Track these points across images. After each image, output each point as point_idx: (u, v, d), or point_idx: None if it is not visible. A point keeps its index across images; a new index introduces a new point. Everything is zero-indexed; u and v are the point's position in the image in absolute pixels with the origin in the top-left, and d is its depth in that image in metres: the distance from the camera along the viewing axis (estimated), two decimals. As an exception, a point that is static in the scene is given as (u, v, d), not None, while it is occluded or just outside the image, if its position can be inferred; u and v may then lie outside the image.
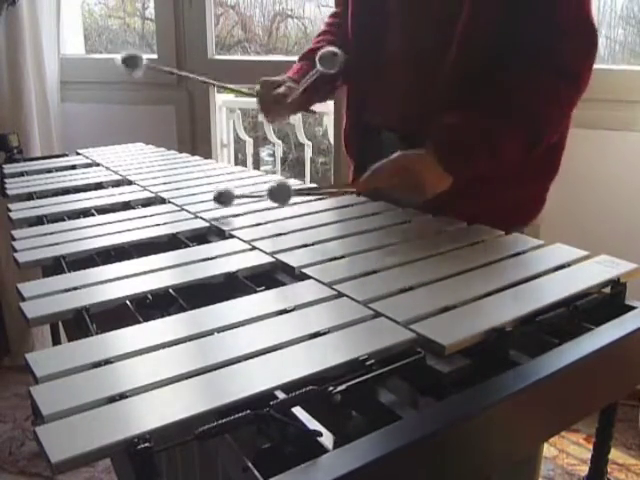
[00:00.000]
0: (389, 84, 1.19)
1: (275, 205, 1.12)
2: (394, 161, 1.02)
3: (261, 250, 0.94)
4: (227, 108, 2.60)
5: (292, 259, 0.90)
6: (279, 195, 1.09)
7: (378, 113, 1.23)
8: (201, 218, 1.12)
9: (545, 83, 1.02)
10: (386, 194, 1.11)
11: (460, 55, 1.05)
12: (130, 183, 1.41)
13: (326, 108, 2.45)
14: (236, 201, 1.16)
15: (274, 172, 2.82)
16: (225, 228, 1.05)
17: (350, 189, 1.21)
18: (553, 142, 1.09)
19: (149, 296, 0.80)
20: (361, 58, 1.22)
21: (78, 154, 1.78)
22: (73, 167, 1.62)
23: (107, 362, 0.63)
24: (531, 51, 1.03)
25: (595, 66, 1.03)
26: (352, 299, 0.76)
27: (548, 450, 1.88)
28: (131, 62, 1.19)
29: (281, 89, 1.24)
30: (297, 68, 1.32)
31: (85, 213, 1.20)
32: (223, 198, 1.15)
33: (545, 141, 1.05)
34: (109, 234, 1.04)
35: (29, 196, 1.34)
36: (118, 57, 1.29)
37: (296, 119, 2.60)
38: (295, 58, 1.39)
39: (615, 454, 1.87)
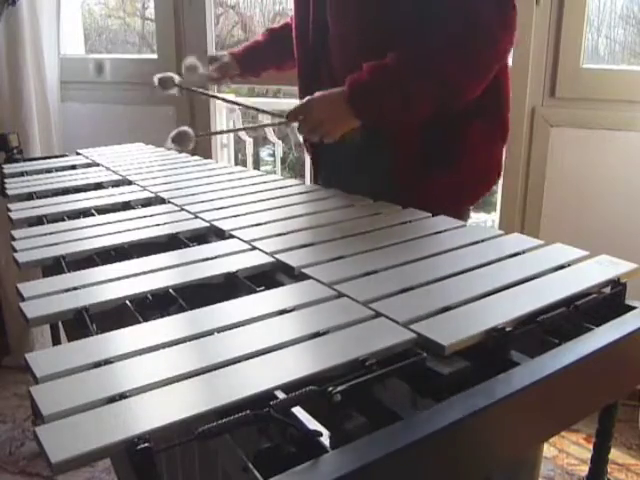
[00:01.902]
0: (335, 81, 1.22)
1: (275, 206, 1.13)
2: (308, 99, 1.14)
3: (261, 250, 0.94)
4: (227, 108, 2.60)
5: (292, 259, 0.90)
6: (182, 140, 1.21)
7: None
8: (201, 218, 1.12)
9: (458, 45, 1.08)
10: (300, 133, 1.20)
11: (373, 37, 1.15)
12: (130, 183, 1.41)
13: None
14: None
15: (274, 172, 2.82)
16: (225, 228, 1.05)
17: (278, 117, 1.29)
18: (493, 101, 1.18)
19: (149, 296, 0.80)
20: (306, 58, 1.32)
21: (78, 154, 1.78)
22: (73, 167, 1.62)
23: (107, 362, 0.63)
24: (447, 15, 1.09)
25: (595, 66, 1.03)
26: (352, 299, 0.76)
27: (548, 450, 1.88)
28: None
29: (213, 66, 1.52)
30: (247, 44, 1.57)
31: (85, 213, 1.20)
32: (180, 139, 1.19)
33: (460, 99, 1.12)
34: (109, 234, 1.05)
35: (29, 196, 1.34)
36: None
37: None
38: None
39: (615, 454, 1.87)
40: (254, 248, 0.96)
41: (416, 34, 1.10)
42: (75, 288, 0.82)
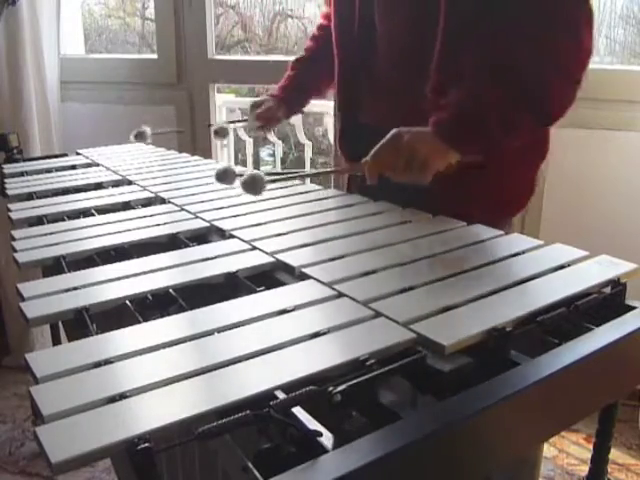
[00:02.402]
0: (379, 82, 1.20)
1: (275, 206, 1.12)
2: (393, 140, 0.99)
3: (261, 250, 0.94)
4: (227, 108, 2.60)
5: (292, 259, 0.90)
6: (253, 186, 1.09)
7: (371, 112, 1.23)
8: (201, 218, 1.12)
9: (547, 49, 0.97)
10: (391, 179, 1.05)
11: (444, 45, 1.05)
12: (130, 183, 1.41)
13: (326, 108, 2.45)
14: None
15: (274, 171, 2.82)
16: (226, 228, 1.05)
17: (356, 171, 1.19)
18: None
19: (149, 296, 0.80)
20: (348, 59, 1.25)
21: (78, 154, 1.78)
22: (73, 167, 1.62)
23: (107, 362, 0.63)
24: (528, 16, 0.98)
25: (595, 66, 1.03)
26: (352, 299, 0.76)
27: (548, 450, 1.88)
28: (224, 177, 1.20)
29: (258, 111, 1.44)
30: (282, 84, 1.48)
31: (85, 213, 1.20)
32: (225, 176, 1.16)
33: (554, 114, 1.01)
34: (109, 234, 1.04)
35: (29, 196, 1.34)
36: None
37: (296, 119, 2.60)
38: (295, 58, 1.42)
39: (615, 454, 1.87)
40: (254, 248, 0.96)
41: (478, 34, 1.01)
42: (75, 288, 0.82)
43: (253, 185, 1.07)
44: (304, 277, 0.85)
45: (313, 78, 1.47)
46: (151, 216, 1.15)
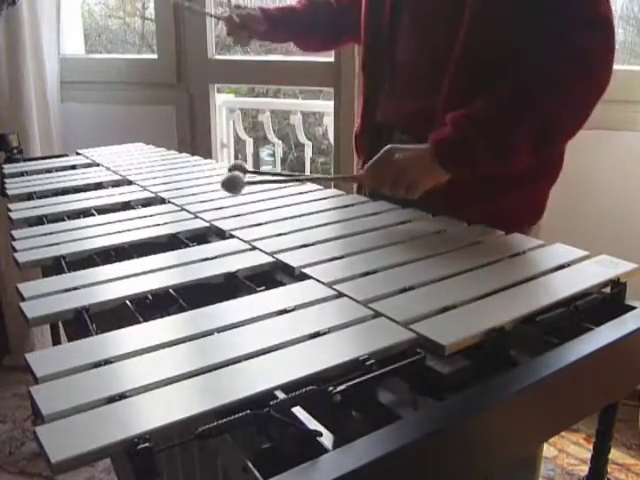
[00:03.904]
0: (400, 84, 1.19)
1: (275, 206, 1.12)
2: (387, 151, 1.01)
3: (261, 250, 0.94)
4: (227, 108, 2.60)
5: (292, 259, 0.90)
6: (233, 185, 1.14)
7: (390, 114, 1.22)
8: (201, 218, 1.12)
9: (559, 82, 0.97)
10: (380, 190, 1.08)
11: (465, 53, 1.04)
12: (130, 183, 1.41)
13: (326, 108, 2.45)
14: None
15: (274, 171, 2.82)
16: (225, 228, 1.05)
17: (350, 181, 1.21)
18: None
19: (149, 296, 0.80)
20: (373, 59, 1.23)
21: (78, 154, 1.78)
22: (73, 167, 1.62)
23: (107, 362, 0.63)
24: (544, 47, 0.99)
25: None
26: (352, 299, 0.76)
27: (548, 450, 1.88)
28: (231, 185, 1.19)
29: (237, 11, 1.34)
30: (281, 6, 1.41)
31: (85, 213, 1.20)
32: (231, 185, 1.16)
33: (557, 144, 1.01)
34: (109, 234, 1.04)
35: (29, 196, 1.34)
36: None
37: (296, 119, 2.60)
38: (295, 58, 1.41)
39: (615, 454, 1.87)
40: (254, 248, 0.96)
41: (495, 62, 1.01)
42: (75, 288, 0.82)
43: (233, 185, 1.13)
44: (304, 277, 0.85)
45: (309, 25, 1.40)
46: (151, 216, 1.15)
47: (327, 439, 0.55)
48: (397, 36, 1.18)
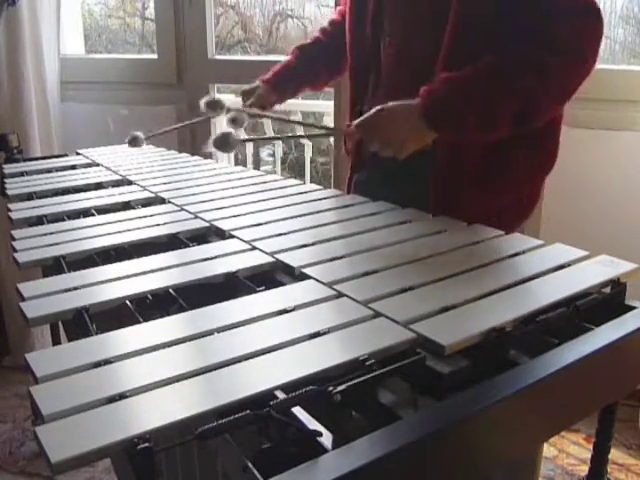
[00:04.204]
0: (382, 81, 1.20)
1: (275, 206, 1.12)
2: (378, 110, 1.02)
3: (261, 250, 0.94)
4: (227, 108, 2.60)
5: (292, 259, 0.90)
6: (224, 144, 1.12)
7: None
8: (201, 218, 1.11)
9: (537, 60, 0.99)
10: (368, 147, 1.09)
11: (451, 51, 1.05)
12: (130, 183, 1.41)
13: (326, 108, 2.45)
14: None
15: (274, 172, 2.82)
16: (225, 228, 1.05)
17: (335, 132, 1.21)
18: (544, 132, 1.09)
19: (149, 296, 0.80)
20: (359, 60, 1.24)
21: (78, 154, 1.78)
22: (73, 167, 1.62)
23: (107, 362, 0.63)
24: (524, 33, 1.01)
25: (595, 66, 1.02)
26: (352, 299, 0.76)
27: (548, 450, 1.88)
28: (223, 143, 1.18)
29: (249, 101, 1.42)
30: (277, 69, 1.44)
31: (85, 213, 1.20)
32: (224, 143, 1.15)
33: (536, 122, 1.03)
34: (109, 234, 1.05)
35: (29, 196, 1.34)
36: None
37: (296, 119, 2.60)
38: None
39: (615, 454, 1.87)
40: (254, 248, 0.96)
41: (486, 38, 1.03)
42: (75, 288, 0.82)
43: (224, 143, 1.12)
44: (304, 277, 0.84)
45: (311, 70, 1.44)
46: (151, 216, 1.15)
47: (327, 439, 0.55)
48: (380, 44, 1.19)
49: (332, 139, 2.42)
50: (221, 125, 2.46)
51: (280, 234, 1.01)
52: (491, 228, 1.00)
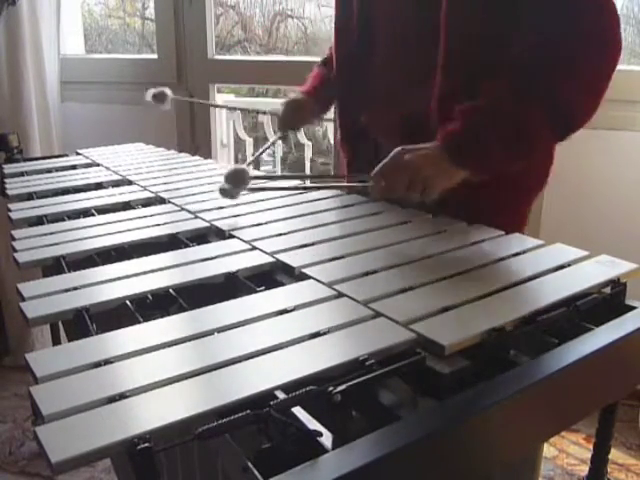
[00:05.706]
0: (379, 90, 1.19)
1: (275, 206, 1.12)
2: (395, 160, 0.94)
3: (261, 250, 0.94)
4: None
5: (292, 259, 0.90)
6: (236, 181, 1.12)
7: (366, 117, 1.23)
8: (201, 218, 1.11)
9: (563, 54, 0.93)
10: (391, 194, 1.01)
11: (446, 53, 1.02)
12: (130, 183, 1.41)
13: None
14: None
15: (274, 172, 2.82)
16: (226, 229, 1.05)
17: (359, 189, 1.18)
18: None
19: (149, 296, 0.80)
20: (348, 68, 1.24)
21: (78, 154, 1.78)
22: (73, 167, 1.62)
23: (107, 362, 0.63)
24: (540, 30, 0.95)
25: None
26: (352, 299, 0.76)
27: (548, 450, 1.88)
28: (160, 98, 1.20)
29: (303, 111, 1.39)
30: (314, 84, 1.41)
31: (85, 213, 1.20)
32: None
33: (577, 123, 0.95)
34: (109, 234, 1.04)
35: (29, 196, 1.34)
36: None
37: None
38: (295, 58, 1.43)
39: (615, 454, 1.87)
40: (254, 248, 0.96)
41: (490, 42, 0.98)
42: (75, 288, 0.82)
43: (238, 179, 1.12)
44: (304, 277, 0.85)
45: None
46: (151, 216, 1.15)
47: (327, 439, 0.55)
48: (373, 49, 1.18)
49: (332, 140, 2.42)
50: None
51: (280, 234, 1.01)
52: (491, 228, 1.00)
